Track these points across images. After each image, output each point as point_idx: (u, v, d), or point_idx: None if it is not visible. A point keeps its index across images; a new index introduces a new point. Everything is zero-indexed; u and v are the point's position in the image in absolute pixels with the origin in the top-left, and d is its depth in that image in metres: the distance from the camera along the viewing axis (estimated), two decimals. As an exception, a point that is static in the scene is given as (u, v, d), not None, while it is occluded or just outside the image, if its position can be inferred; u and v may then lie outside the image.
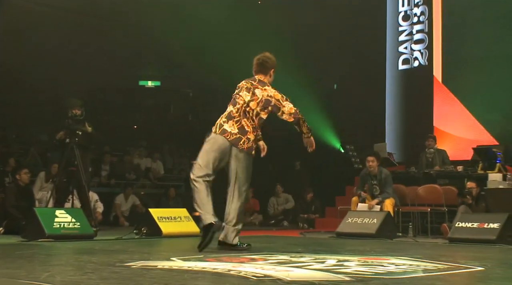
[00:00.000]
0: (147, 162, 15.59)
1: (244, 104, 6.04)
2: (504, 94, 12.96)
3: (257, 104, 6.03)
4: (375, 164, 9.90)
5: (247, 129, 6.01)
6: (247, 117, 6.03)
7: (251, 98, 6.05)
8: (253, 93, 6.07)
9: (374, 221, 8.77)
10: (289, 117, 6.03)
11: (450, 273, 4.25)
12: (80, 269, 4.22)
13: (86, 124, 8.90)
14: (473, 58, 13.73)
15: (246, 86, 6.15)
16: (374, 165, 9.90)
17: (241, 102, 6.06)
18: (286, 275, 3.81)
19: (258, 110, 6.04)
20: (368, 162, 9.97)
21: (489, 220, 7.90)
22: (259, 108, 6.03)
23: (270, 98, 6.04)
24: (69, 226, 7.53)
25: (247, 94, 6.07)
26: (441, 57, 14.20)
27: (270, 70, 6.25)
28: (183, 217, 8.90)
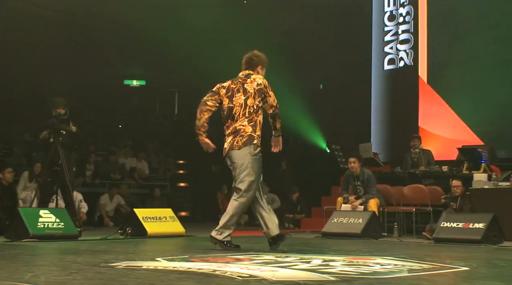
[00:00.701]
0: (132, 162, 15.53)
1: (242, 108, 5.99)
2: (489, 94, 13.04)
3: (254, 99, 5.99)
4: (357, 166, 9.93)
5: (239, 128, 5.97)
6: (244, 116, 5.99)
7: (245, 96, 6.00)
8: (244, 90, 6.03)
9: (359, 221, 8.79)
10: (270, 108, 6.05)
11: (435, 273, 4.26)
12: (65, 269, 4.20)
13: (71, 124, 8.83)
14: (458, 59, 13.80)
15: (235, 88, 6.08)
16: (356, 166, 9.92)
17: (238, 109, 6.01)
18: (272, 275, 3.80)
19: (257, 103, 5.99)
20: (350, 164, 9.99)
21: (474, 220, 7.93)
22: (257, 101, 5.99)
23: (260, 86, 6.02)
24: (53, 226, 7.47)
25: (240, 95, 6.02)
26: (427, 58, 14.26)
27: (256, 67, 6.22)
28: (168, 217, 8.85)
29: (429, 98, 14.06)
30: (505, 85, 12.93)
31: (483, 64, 13.31)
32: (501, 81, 13.02)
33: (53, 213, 7.63)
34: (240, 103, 6.00)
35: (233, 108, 6.03)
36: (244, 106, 5.99)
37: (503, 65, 13.07)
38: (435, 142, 13.20)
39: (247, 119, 5.97)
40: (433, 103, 13.95)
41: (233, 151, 5.98)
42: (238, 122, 5.99)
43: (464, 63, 13.66)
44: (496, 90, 13.01)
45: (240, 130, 5.97)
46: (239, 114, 6.00)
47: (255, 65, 6.22)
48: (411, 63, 14.54)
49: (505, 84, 12.93)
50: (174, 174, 16.85)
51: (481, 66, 13.34)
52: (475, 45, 13.52)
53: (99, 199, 13.08)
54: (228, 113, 6.08)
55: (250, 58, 6.24)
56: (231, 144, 5.99)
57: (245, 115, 5.98)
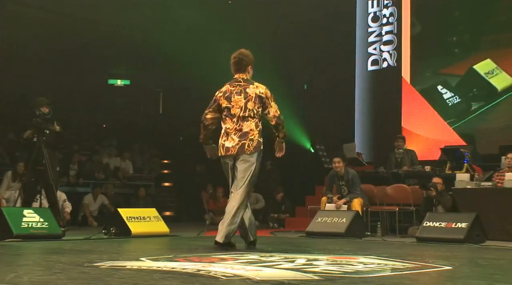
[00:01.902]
0: (116, 161, 15.47)
1: (242, 110, 5.97)
2: (472, 94, 13.16)
3: (254, 103, 5.97)
4: (341, 165, 9.97)
5: (247, 130, 5.95)
6: (247, 119, 5.97)
7: (246, 99, 5.98)
8: (246, 93, 6.00)
9: (343, 221, 8.81)
10: (272, 119, 6.01)
11: (418, 272, 4.28)
12: (49, 269, 4.18)
13: (55, 123, 8.79)
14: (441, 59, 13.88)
15: (235, 91, 6.06)
16: (341, 166, 9.96)
17: (238, 111, 5.98)
18: (256, 275, 3.81)
19: (257, 109, 5.98)
20: (335, 164, 10.03)
21: (457, 219, 7.98)
22: (257, 106, 5.98)
23: (262, 94, 6.00)
24: (37, 226, 7.44)
25: (240, 98, 6.00)
26: (410, 58, 14.33)
27: (247, 67, 6.19)
28: (153, 217, 8.82)
29: (412, 99, 14.14)
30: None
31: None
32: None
33: (37, 213, 7.59)
34: (240, 105, 5.98)
35: (231, 108, 6.01)
36: (244, 108, 5.96)
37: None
38: (418, 142, 13.28)
39: (254, 123, 5.96)
40: (416, 104, 14.04)
41: (244, 155, 5.94)
42: (245, 124, 5.96)
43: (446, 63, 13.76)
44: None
45: (248, 133, 5.94)
46: (238, 115, 5.97)
47: (246, 65, 6.19)
48: (395, 64, 14.61)
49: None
50: (158, 174, 16.81)
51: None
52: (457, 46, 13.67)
53: (83, 198, 13.01)
54: (227, 112, 6.06)
55: (240, 59, 6.19)
56: (241, 147, 5.93)
57: (245, 118, 5.96)
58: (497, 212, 8.70)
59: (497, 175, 9.37)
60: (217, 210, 14.51)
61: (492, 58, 13.31)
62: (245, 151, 5.91)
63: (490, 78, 13.31)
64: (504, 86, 13.10)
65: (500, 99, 13.17)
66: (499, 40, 13.40)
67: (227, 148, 5.99)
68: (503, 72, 13.14)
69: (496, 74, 13.23)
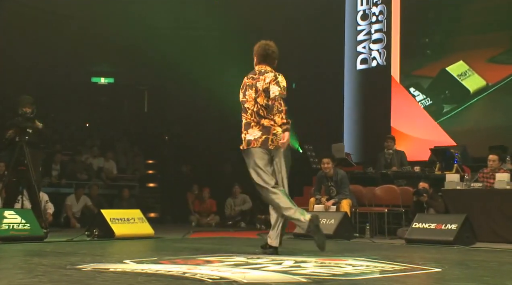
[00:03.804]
0: (100, 161, 15.34)
1: (254, 106, 5.86)
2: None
3: (263, 98, 5.83)
4: (330, 166, 9.92)
5: (269, 125, 5.84)
6: (264, 115, 5.85)
7: (256, 94, 5.86)
8: (256, 87, 5.87)
9: (331, 222, 8.79)
10: (272, 98, 5.80)
11: (407, 274, 4.29)
12: (30, 272, 4.15)
13: (36, 121, 8.68)
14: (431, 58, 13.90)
15: (248, 84, 5.94)
16: (330, 166, 9.92)
17: (250, 106, 5.87)
18: (243, 277, 3.80)
19: (266, 102, 5.83)
20: (323, 164, 9.97)
21: (446, 221, 8.00)
22: (266, 100, 5.83)
23: (267, 85, 5.84)
24: (18, 227, 7.36)
25: (251, 93, 5.88)
26: (399, 57, 14.34)
27: (275, 61, 6.02)
28: (137, 218, 8.75)
29: (402, 98, 14.14)
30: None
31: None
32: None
33: (19, 214, 7.51)
34: (250, 100, 5.88)
35: (246, 102, 5.91)
36: (255, 103, 5.85)
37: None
38: (407, 142, 13.29)
39: (272, 120, 5.84)
40: (405, 103, 14.04)
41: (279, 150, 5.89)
42: (265, 119, 5.84)
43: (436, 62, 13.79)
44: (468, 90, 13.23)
45: (270, 128, 5.84)
46: (252, 110, 5.87)
47: (275, 59, 6.04)
48: (384, 63, 14.62)
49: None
50: (143, 174, 16.74)
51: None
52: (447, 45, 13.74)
53: (65, 199, 12.90)
54: (242, 107, 5.97)
55: (272, 52, 6.01)
56: (269, 141, 5.83)
57: (258, 113, 5.84)
58: (487, 214, 8.73)
59: (482, 175, 9.35)
60: (202, 211, 14.45)
61: (465, 60, 13.46)
62: (269, 147, 5.85)
63: (463, 80, 13.47)
64: (477, 88, 13.24)
65: (473, 101, 13.31)
66: (472, 42, 13.53)
67: (249, 141, 5.87)
68: (475, 74, 13.27)
69: (468, 76, 13.38)
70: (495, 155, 9.32)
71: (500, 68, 12.96)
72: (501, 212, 8.67)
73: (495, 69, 13.03)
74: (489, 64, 13.11)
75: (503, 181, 8.70)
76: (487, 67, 13.14)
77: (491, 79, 13.04)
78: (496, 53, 13.11)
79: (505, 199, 8.68)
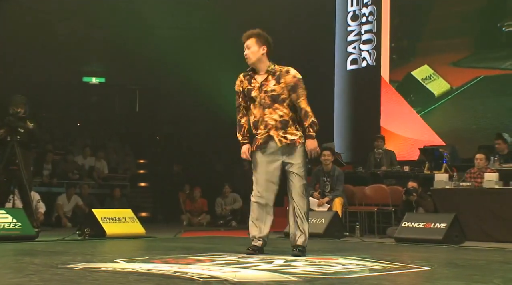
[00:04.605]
0: (91, 161, 15.33)
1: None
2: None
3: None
4: (330, 158, 9.95)
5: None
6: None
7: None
8: None
9: (322, 221, 8.82)
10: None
11: (396, 273, 4.29)
12: (21, 271, 4.13)
13: (27, 121, 8.68)
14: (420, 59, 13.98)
15: None
16: (329, 159, 9.95)
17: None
18: (233, 276, 3.80)
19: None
20: (324, 156, 9.92)
21: (435, 220, 8.04)
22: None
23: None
24: (9, 226, 7.34)
25: None
26: (389, 58, 14.40)
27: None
28: (128, 217, 8.74)
29: (391, 98, 14.21)
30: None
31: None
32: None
33: (10, 213, 7.49)
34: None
35: None
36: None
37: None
38: (396, 142, 13.35)
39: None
40: (395, 103, 14.11)
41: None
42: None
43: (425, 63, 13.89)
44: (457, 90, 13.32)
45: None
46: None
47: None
48: (374, 63, 14.68)
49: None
50: (134, 174, 16.73)
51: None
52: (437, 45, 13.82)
53: (56, 199, 12.90)
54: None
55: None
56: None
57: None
58: (476, 213, 8.80)
59: (469, 175, 9.41)
60: (194, 211, 14.46)
61: (430, 64, 13.75)
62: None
63: (427, 83, 13.75)
64: (441, 91, 13.54)
65: (437, 105, 13.59)
66: (436, 46, 13.81)
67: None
68: (440, 78, 13.56)
69: (433, 80, 13.68)
70: (482, 154, 9.41)
71: (464, 72, 13.29)
72: (489, 211, 8.74)
73: (459, 73, 13.35)
74: (453, 68, 13.46)
75: (492, 180, 8.77)
76: (451, 71, 13.47)
77: (455, 82, 13.34)
78: (460, 57, 13.46)
79: (493, 198, 8.76)
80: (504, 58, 12.85)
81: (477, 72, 13.13)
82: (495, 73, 12.97)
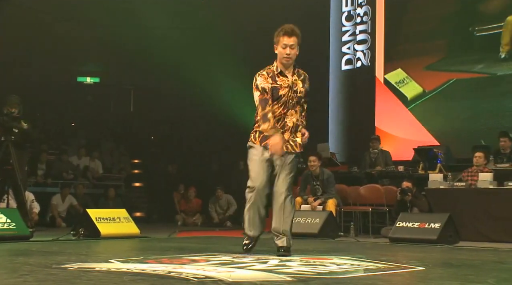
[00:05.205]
0: (85, 161, 15.33)
1: None
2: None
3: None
4: (316, 164, 9.98)
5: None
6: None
7: None
8: None
9: (316, 221, 8.84)
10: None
11: (391, 273, 4.30)
12: (15, 271, 4.13)
13: (22, 122, 8.68)
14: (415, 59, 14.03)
15: None
16: (316, 165, 9.97)
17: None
18: (228, 276, 3.80)
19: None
20: (310, 162, 10.03)
21: (430, 220, 8.08)
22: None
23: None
24: (4, 227, 7.34)
25: None
26: (383, 58, 14.45)
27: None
28: (122, 217, 8.75)
29: (386, 99, 14.24)
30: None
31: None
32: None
33: (4, 214, 7.48)
34: None
35: None
36: None
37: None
38: (391, 142, 13.37)
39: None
40: (389, 104, 14.15)
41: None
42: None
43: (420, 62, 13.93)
44: (451, 90, 13.37)
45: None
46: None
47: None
48: (368, 64, 14.72)
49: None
50: (129, 174, 16.73)
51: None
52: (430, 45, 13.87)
53: (51, 199, 12.90)
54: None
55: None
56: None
57: None
58: (470, 213, 8.83)
59: (466, 174, 9.45)
60: (188, 211, 14.47)
61: (403, 68, 14.02)
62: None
63: (401, 87, 13.98)
64: (414, 94, 13.79)
65: (410, 107, 13.82)
66: (409, 50, 14.06)
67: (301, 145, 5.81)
68: (412, 81, 13.83)
69: (406, 83, 13.95)
70: (481, 152, 9.49)
71: (436, 75, 13.51)
72: (484, 211, 8.78)
73: (431, 76, 13.56)
74: (426, 72, 13.69)
75: (486, 180, 8.82)
76: (424, 75, 13.70)
77: (427, 86, 13.56)
78: (432, 61, 13.67)
79: (488, 198, 8.80)
80: (476, 62, 13.09)
81: (450, 75, 13.36)
82: (467, 76, 13.20)
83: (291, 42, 5.56)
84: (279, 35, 5.57)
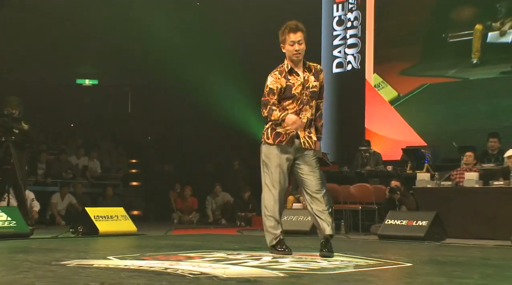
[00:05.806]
0: (84, 160, 15.41)
1: None
2: (432, 96, 13.47)
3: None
4: None
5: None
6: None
7: None
8: None
9: (308, 219, 8.90)
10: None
11: (380, 269, 4.40)
12: (15, 268, 4.16)
13: (22, 122, 8.76)
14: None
15: None
16: None
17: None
18: (223, 272, 3.85)
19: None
20: None
21: (417, 218, 8.19)
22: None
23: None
24: (4, 225, 7.42)
25: None
26: (373, 61, 14.58)
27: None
28: (120, 216, 8.84)
29: (375, 101, 14.38)
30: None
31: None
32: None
33: (5, 212, 7.57)
34: None
35: None
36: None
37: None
38: (380, 143, 13.48)
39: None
40: (378, 106, 14.29)
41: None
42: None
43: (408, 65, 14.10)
44: (439, 92, 13.52)
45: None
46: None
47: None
48: (359, 67, 14.84)
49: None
50: (126, 173, 16.78)
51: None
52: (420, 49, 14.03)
53: (50, 198, 12.96)
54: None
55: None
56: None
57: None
58: (457, 211, 8.95)
59: (455, 173, 9.61)
60: (184, 209, 14.58)
61: (378, 73, 14.29)
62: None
63: (379, 90, 14.23)
64: (390, 98, 14.06)
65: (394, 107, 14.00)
66: (384, 56, 14.26)
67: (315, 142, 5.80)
68: (388, 85, 14.09)
69: (382, 87, 14.20)
70: (472, 152, 9.64)
71: (410, 80, 13.76)
72: (469, 210, 8.90)
73: (406, 81, 13.83)
74: (401, 77, 13.95)
75: (472, 179, 8.94)
76: (398, 79, 13.95)
77: (402, 90, 13.81)
78: (407, 66, 13.91)
79: (473, 197, 8.93)
80: (449, 67, 13.33)
81: (423, 80, 13.60)
82: (440, 81, 13.42)
83: (298, 37, 5.41)
84: (284, 34, 5.46)
